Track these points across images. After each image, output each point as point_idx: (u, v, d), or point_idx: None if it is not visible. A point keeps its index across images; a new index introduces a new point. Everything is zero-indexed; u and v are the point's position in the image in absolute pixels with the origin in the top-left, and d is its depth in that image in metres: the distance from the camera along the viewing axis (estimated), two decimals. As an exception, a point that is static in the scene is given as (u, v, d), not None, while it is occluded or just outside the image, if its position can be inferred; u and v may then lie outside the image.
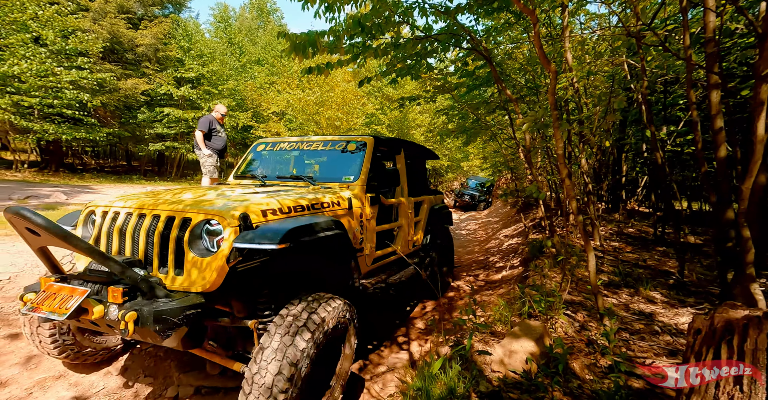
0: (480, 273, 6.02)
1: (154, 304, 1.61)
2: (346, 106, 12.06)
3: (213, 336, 2.10)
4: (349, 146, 3.19)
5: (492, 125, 6.72)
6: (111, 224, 2.01)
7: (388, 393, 3.45)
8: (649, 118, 3.40)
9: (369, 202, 2.83)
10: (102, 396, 2.38)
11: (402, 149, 3.66)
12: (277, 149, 3.57)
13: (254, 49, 24.81)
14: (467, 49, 3.72)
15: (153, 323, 1.52)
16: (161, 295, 1.66)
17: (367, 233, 2.80)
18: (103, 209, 2.08)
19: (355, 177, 2.87)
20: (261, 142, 3.71)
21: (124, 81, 14.40)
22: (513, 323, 2.15)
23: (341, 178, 2.93)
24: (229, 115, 16.54)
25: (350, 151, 3.16)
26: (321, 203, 2.35)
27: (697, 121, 2.62)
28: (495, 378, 1.58)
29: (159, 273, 1.84)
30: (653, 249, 4.90)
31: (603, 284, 3.13)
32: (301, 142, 3.45)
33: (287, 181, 3.08)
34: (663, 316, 2.58)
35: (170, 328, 1.57)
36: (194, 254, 1.76)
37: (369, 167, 2.95)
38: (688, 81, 2.56)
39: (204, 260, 1.74)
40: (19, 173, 11.72)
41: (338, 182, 2.87)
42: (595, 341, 2.03)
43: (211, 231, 1.83)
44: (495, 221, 14.31)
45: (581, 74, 3.52)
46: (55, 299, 1.64)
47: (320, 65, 2.88)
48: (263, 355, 1.63)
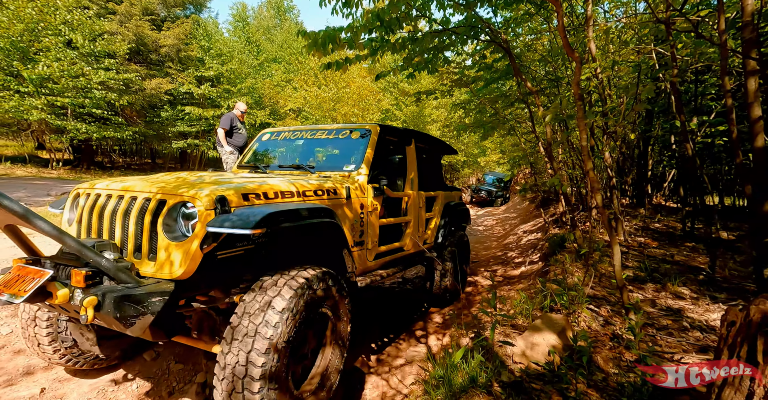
0: (498, 269, 5.96)
1: (118, 289, 1.52)
2: (362, 102, 12.09)
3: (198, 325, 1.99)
4: (352, 134, 3.00)
5: (510, 119, 6.60)
6: (92, 206, 1.94)
7: (405, 385, 3.48)
8: (679, 107, 3.27)
9: (372, 193, 2.65)
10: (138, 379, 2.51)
11: (413, 140, 3.48)
12: (282, 138, 3.43)
13: (271, 47, 25.12)
14: (486, 41, 3.66)
15: (114, 309, 1.43)
16: (128, 280, 1.57)
17: (368, 226, 2.63)
18: (87, 191, 2.02)
19: (357, 166, 2.71)
20: (266, 131, 3.60)
21: (148, 81, 14.89)
22: (534, 316, 2.13)
23: (342, 167, 2.76)
24: (248, 113, 16.85)
25: (354, 140, 2.97)
26: (314, 190, 2.19)
27: (732, 110, 2.50)
28: (517, 369, 1.58)
29: (133, 258, 1.76)
30: (681, 245, 4.72)
31: (628, 279, 3.05)
32: (305, 131, 3.34)
33: (288, 171, 2.96)
34: (692, 312, 2.50)
35: (133, 316, 1.48)
36: (167, 237, 1.66)
37: (372, 156, 2.76)
38: (722, 68, 2.45)
39: (177, 244, 1.64)
40: (54, 171, 12.33)
41: (339, 171, 2.71)
42: (620, 336, 1.99)
43: (186, 214, 1.72)
44: (513, 216, 14.10)
45: (605, 64, 3.41)
46: (23, 282, 1.56)
47: (339, 60, 2.90)
48: (233, 333, 1.57)
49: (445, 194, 4.15)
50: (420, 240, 3.56)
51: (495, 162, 21.97)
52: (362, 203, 2.55)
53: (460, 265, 4.48)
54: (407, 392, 3.30)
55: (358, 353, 3.62)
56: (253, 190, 1.86)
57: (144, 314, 1.50)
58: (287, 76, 21.92)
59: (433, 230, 3.84)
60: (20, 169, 11.20)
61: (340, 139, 3.08)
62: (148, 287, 1.57)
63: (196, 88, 15.47)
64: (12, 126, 12.42)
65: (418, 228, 3.49)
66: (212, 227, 1.55)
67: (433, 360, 2.27)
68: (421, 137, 3.69)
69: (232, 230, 1.52)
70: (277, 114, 19.38)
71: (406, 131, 3.50)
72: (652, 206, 7.64)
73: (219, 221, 1.57)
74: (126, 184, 1.92)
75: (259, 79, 20.31)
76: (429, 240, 3.74)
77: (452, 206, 4.23)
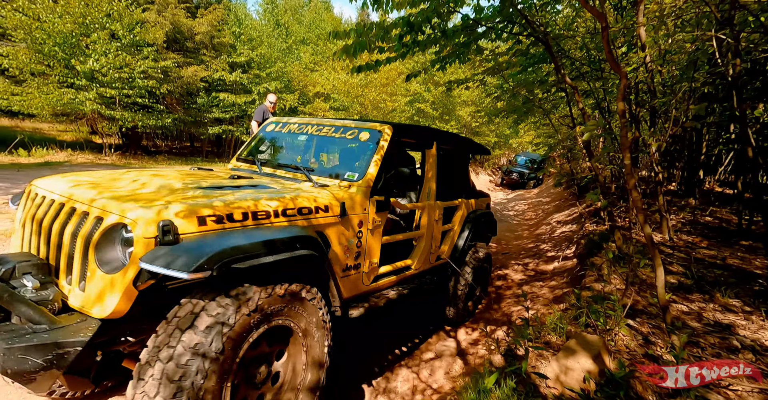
0: (529, 262, 5.85)
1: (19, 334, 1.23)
2: (391, 86, 11.86)
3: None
4: (361, 135, 2.53)
5: (546, 104, 6.24)
6: (35, 210, 1.64)
7: (435, 379, 3.59)
8: (740, 98, 2.95)
9: (375, 206, 2.27)
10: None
11: (434, 142, 3.01)
12: (287, 131, 3.01)
13: (299, 28, 24.91)
14: (523, 34, 3.43)
15: (5, 362, 1.15)
16: (39, 320, 1.28)
17: (367, 246, 2.27)
18: (36, 190, 1.72)
19: (360, 175, 2.29)
20: (272, 121, 3.24)
21: (185, 69, 15.37)
22: (569, 333, 2.10)
23: (345, 173, 2.36)
24: (279, 98, 17.04)
25: (362, 143, 2.53)
26: (299, 208, 1.81)
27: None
28: (550, 395, 1.59)
29: (64, 283, 1.47)
30: (736, 244, 4.37)
31: (672, 287, 2.90)
32: (310, 125, 2.91)
33: (285, 171, 2.59)
34: (744, 328, 2.36)
35: (32, 372, 1.19)
36: (99, 266, 1.35)
37: (381, 164, 2.35)
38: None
39: (108, 276, 1.33)
40: (108, 158, 13.24)
41: (341, 179, 2.32)
42: (660, 357, 1.92)
43: (125, 240, 1.38)
44: (546, 201, 13.63)
45: (657, 53, 3.10)
46: None
47: (369, 63, 2.85)
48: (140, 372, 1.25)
49: (468, 202, 3.71)
50: (433, 256, 3.15)
51: (529, 143, 21.08)
52: (362, 219, 2.19)
53: (479, 285, 4.02)
54: (437, 387, 3.42)
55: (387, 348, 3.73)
56: (215, 210, 1.48)
57: (47, 369, 1.21)
58: (315, 58, 21.79)
59: (450, 245, 3.42)
60: (80, 156, 12.14)
61: (347, 139, 2.62)
62: (61, 331, 1.27)
63: (228, 75, 15.80)
64: (70, 115, 13.45)
65: (431, 244, 3.07)
66: (145, 262, 1.25)
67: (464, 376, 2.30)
68: (445, 138, 3.27)
69: (165, 271, 1.21)
70: (305, 97, 19.49)
71: (427, 132, 3.08)
72: (704, 192, 7.08)
73: (153, 256, 1.25)
74: (71, 189, 1.58)
75: (288, 62, 20.36)
76: (444, 255, 3.35)
77: (477, 216, 3.74)
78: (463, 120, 16.66)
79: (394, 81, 12.21)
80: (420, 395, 3.18)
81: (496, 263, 6.31)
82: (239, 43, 16.75)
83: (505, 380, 1.63)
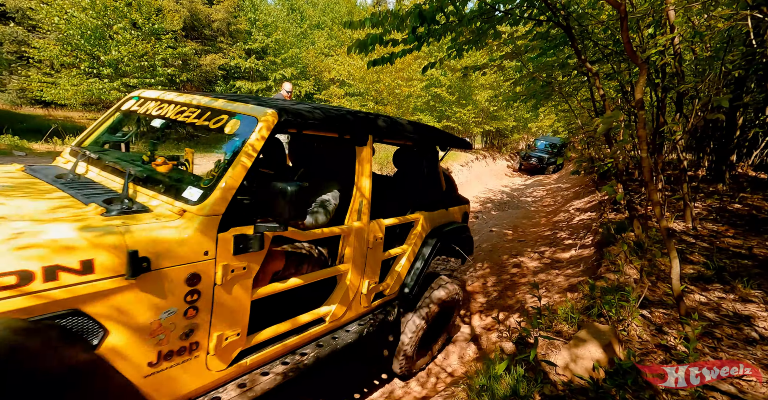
0: (546, 250, 5.83)
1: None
2: (405, 71, 11.70)
3: None
4: (228, 125, 1.64)
5: (566, 87, 6.05)
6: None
7: (449, 363, 3.72)
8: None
9: (233, 246, 1.43)
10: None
11: (369, 136, 2.06)
12: (143, 111, 2.07)
13: (314, 12, 24.60)
14: (542, 19, 3.32)
15: None
16: None
17: (215, 311, 1.44)
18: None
19: (203, 194, 1.41)
20: (133, 96, 2.29)
21: (204, 57, 15.58)
22: (581, 323, 2.14)
23: (187, 188, 1.47)
24: (293, 84, 17.10)
25: (228, 135, 1.63)
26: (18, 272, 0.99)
27: None
28: (559, 382, 1.65)
29: None
30: (766, 232, 4.22)
31: (691, 277, 2.87)
32: (172, 105, 1.95)
33: (109, 174, 1.74)
34: (764, 320, 2.34)
35: None
36: None
37: (243, 176, 1.49)
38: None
39: None
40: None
41: (177, 198, 1.45)
42: (674, 347, 1.95)
43: None
44: (565, 187, 13.35)
45: (687, 35, 2.95)
46: None
47: (385, 55, 2.84)
48: None
49: (430, 216, 2.67)
50: (365, 298, 2.19)
51: (549, 127, 20.48)
52: (196, 271, 1.35)
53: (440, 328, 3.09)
54: (451, 371, 3.54)
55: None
56: None
57: None
58: (330, 42, 21.56)
59: (396, 278, 2.45)
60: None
61: (211, 128, 1.68)
62: None
63: (243, 62, 15.91)
64: (98, 104, 14.05)
65: (363, 281, 2.15)
66: None
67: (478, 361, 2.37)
68: (389, 130, 2.20)
69: None
70: (320, 83, 19.44)
71: (353, 120, 1.98)
72: (737, 177, 6.78)
73: None
74: None
75: (302, 48, 20.26)
76: (389, 292, 2.41)
77: (443, 234, 2.70)
78: (480, 105, 16.30)
79: (410, 66, 12.01)
80: (435, 377, 3.32)
81: (512, 250, 6.32)
82: (255, 30, 16.76)
83: (515, 366, 1.70)
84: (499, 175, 18.77)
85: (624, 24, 1.79)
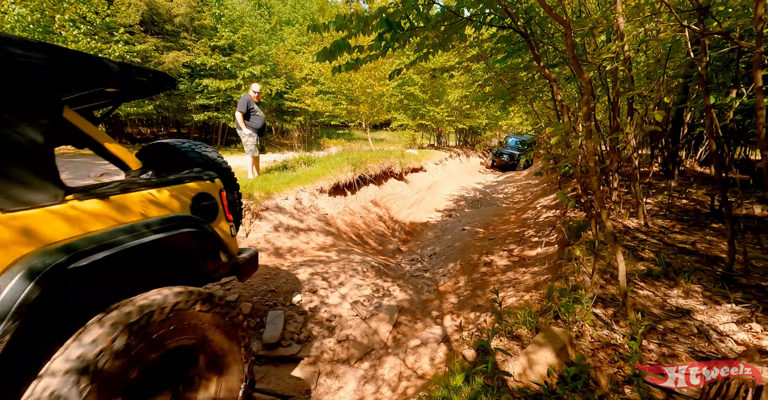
0: (514, 248, 6.02)
1: None
2: (377, 71, 11.67)
3: None
4: None
5: (531, 88, 6.25)
6: None
7: (420, 365, 3.76)
8: (705, 91, 3.02)
9: None
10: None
11: None
12: None
13: (284, 8, 24.00)
14: (502, 25, 3.40)
15: None
16: None
17: None
18: None
19: None
20: None
21: (166, 54, 14.84)
22: (539, 325, 2.23)
23: None
24: (263, 83, 16.63)
25: None
26: None
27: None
28: (516, 389, 1.72)
29: None
30: (707, 227, 4.54)
31: (641, 274, 3.05)
32: None
33: None
34: (702, 313, 2.52)
35: None
36: None
37: None
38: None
39: None
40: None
41: None
42: (621, 346, 2.07)
43: None
44: (534, 183, 13.81)
45: (634, 43, 3.12)
46: None
47: (349, 61, 2.82)
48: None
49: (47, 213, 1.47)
50: None
51: (519, 124, 21.05)
52: None
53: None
54: (421, 374, 3.60)
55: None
56: None
57: None
58: (300, 39, 21.12)
59: None
60: (62, 147, 11.90)
61: None
62: None
63: (209, 59, 15.31)
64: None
65: None
66: None
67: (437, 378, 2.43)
68: None
69: None
70: (292, 81, 19.01)
71: None
72: (684, 172, 7.25)
73: None
74: None
75: (272, 44, 19.71)
76: None
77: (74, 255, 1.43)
78: (452, 104, 16.53)
79: (383, 65, 11.99)
80: (405, 381, 3.36)
81: (483, 249, 6.49)
82: (220, 26, 16.14)
83: (474, 377, 1.75)
84: (473, 172, 19.15)
85: (569, 39, 1.86)
